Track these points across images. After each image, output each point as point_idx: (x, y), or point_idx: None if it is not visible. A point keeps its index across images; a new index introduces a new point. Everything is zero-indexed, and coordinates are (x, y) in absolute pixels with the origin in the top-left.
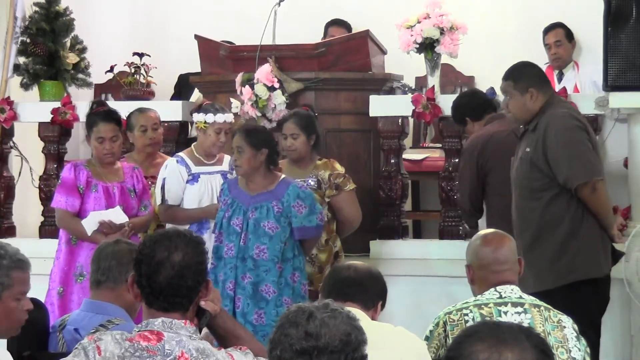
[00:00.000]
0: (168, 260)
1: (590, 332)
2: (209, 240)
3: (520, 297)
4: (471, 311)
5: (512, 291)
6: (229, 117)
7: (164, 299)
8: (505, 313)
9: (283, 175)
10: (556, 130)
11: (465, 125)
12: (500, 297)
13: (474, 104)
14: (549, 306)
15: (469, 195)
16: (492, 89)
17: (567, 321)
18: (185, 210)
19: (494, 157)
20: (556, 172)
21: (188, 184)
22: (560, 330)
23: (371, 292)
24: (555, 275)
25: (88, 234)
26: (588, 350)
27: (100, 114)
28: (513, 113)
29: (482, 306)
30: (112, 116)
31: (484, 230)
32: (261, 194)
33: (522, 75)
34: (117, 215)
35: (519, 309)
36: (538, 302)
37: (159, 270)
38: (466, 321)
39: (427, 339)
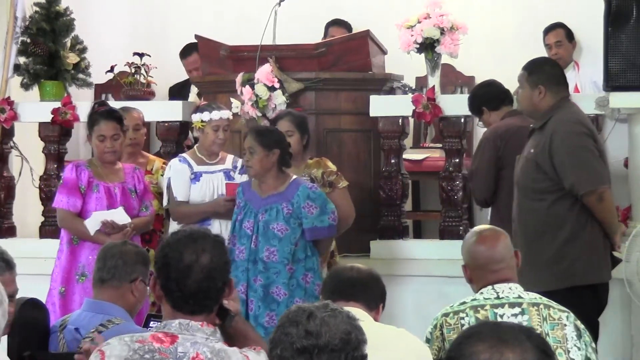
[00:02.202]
0: (197, 264)
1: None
2: None
3: (519, 297)
4: (467, 315)
5: (510, 290)
6: (225, 114)
7: (194, 303)
8: (502, 316)
9: (294, 176)
10: (563, 136)
11: (481, 115)
12: (498, 297)
13: (492, 93)
14: (549, 303)
15: (487, 185)
16: None
17: (569, 318)
18: (195, 206)
19: (515, 151)
20: (562, 177)
21: (191, 183)
22: (560, 329)
23: (374, 292)
24: (555, 278)
25: (91, 233)
26: (593, 345)
27: (101, 112)
28: (519, 103)
29: (479, 308)
30: (113, 114)
31: (477, 228)
32: (271, 196)
33: (537, 70)
34: (120, 216)
35: (516, 310)
36: (538, 299)
37: (189, 274)
38: (462, 325)
39: (427, 341)
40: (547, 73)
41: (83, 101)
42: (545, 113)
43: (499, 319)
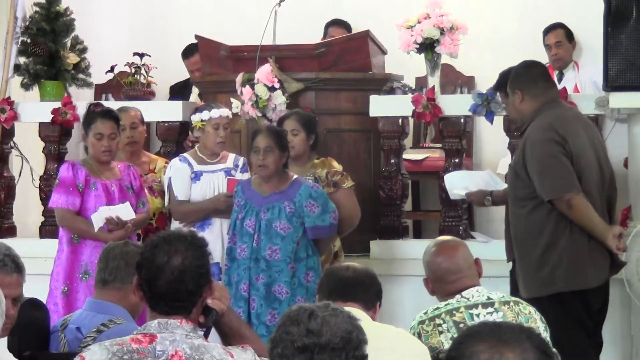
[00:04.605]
0: (167, 265)
1: (583, 340)
2: (209, 237)
3: (489, 298)
4: (444, 320)
5: (478, 292)
6: (224, 112)
7: (165, 303)
8: (478, 315)
9: (295, 176)
10: (532, 142)
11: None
12: (469, 300)
13: None
14: (517, 299)
15: None
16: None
17: (537, 312)
18: (195, 204)
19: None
20: (534, 184)
21: (191, 182)
22: (533, 322)
23: (371, 292)
24: (539, 284)
25: (95, 229)
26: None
27: (99, 112)
28: (508, 112)
29: (454, 312)
30: (110, 114)
31: (437, 239)
32: (273, 195)
33: (515, 75)
34: (126, 211)
35: (490, 309)
36: (507, 297)
37: (159, 275)
38: (440, 332)
39: None
40: (522, 76)
41: (83, 101)
42: (528, 118)
43: (475, 319)
